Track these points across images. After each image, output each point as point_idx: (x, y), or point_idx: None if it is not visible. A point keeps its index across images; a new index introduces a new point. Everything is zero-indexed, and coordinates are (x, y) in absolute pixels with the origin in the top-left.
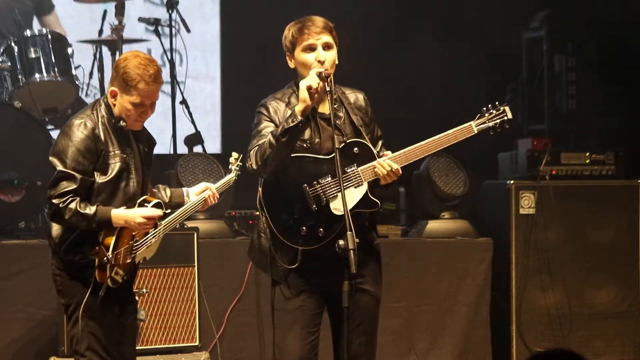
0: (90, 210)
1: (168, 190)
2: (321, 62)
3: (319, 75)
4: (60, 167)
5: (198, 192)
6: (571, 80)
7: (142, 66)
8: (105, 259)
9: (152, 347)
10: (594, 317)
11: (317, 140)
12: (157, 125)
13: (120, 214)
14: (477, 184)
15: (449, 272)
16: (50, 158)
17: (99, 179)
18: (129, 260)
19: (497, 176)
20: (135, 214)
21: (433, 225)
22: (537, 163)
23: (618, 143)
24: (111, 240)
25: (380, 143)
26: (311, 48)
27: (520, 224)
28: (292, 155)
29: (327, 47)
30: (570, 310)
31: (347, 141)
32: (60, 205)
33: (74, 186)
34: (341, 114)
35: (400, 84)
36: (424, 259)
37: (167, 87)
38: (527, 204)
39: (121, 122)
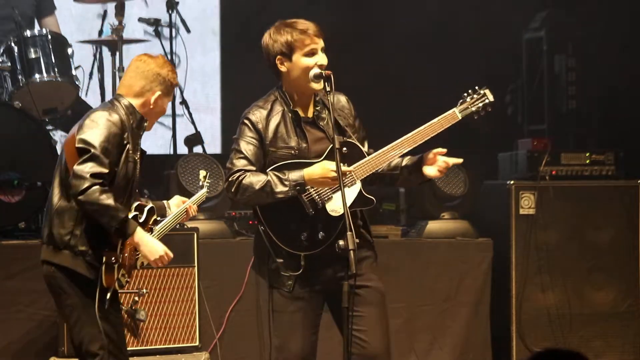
0: (120, 212)
1: (151, 203)
2: (320, 66)
3: (320, 75)
4: (93, 150)
5: (177, 204)
6: (571, 80)
7: (171, 66)
8: (113, 258)
9: (152, 347)
10: (594, 317)
11: (304, 145)
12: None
13: (142, 236)
14: (477, 184)
15: (449, 272)
16: (78, 145)
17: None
18: (133, 262)
19: (497, 176)
20: (157, 248)
21: (433, 225)
22: (537, 163)
23: (618, 143)
24: (118, 242)
25: (365, 143)
26: (312, 53)
27: (520, 224)
28: (282, 163)
29: (323, 50)
30: (570, 311)
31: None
32: (95, 187)
33: (105, 170)
34: (324, 116)
35: (400, 84)
36: (424, 259)
37: None
38: (527, 204)
39: (145, 121)
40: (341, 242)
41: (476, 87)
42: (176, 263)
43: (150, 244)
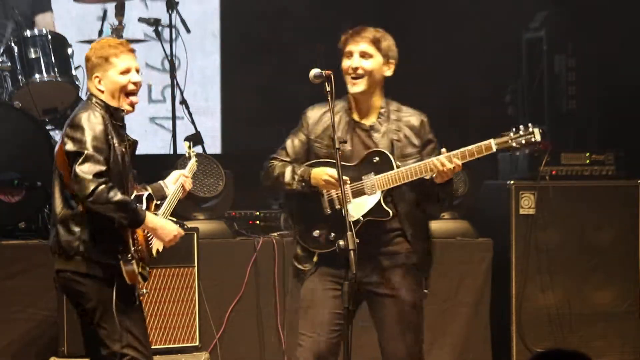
0: (130, 204)
1: (148, 187)
2: (354, 69)
3: (319, 74)
4: (87, 151)
5: (174, 181)
6: (571, 80)
7: (108, 41)
8: (129, 255)
9: (152, 347)
10: (594, 317)
11: (349, 148)
12: (157, 126)
13: (154, 220)
14: (477, 184)
15: (449, 272)
16: (71, 150)
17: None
18: (150, 253)
19: (497, 176)
20: (171, 227)
21: (433, 225)
22: (537, 163)
23: (618, 143)
24: (128, 237)
25: None
26: (350, 54)
27: (520, 224)
28: (318, 160)
29: (365, 55)
30: (570, 311)
31: (369, 150)
32: (101, 187)
33: (104, 167)
34: (381, 127)
35: (399, 84)
36: None
37: (167, 91)
38: (527, 204)
39: (122, 112)
40: (341, 242)
41: (529, 124)
42: (176, 263)
43: (165, 226)
